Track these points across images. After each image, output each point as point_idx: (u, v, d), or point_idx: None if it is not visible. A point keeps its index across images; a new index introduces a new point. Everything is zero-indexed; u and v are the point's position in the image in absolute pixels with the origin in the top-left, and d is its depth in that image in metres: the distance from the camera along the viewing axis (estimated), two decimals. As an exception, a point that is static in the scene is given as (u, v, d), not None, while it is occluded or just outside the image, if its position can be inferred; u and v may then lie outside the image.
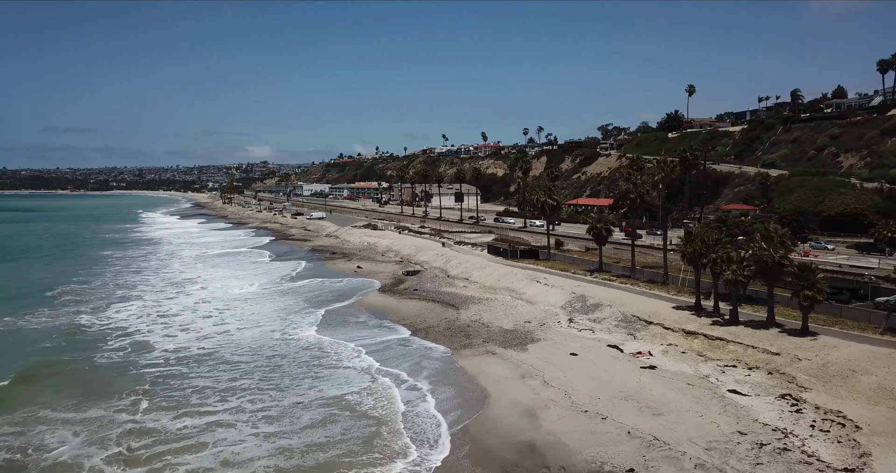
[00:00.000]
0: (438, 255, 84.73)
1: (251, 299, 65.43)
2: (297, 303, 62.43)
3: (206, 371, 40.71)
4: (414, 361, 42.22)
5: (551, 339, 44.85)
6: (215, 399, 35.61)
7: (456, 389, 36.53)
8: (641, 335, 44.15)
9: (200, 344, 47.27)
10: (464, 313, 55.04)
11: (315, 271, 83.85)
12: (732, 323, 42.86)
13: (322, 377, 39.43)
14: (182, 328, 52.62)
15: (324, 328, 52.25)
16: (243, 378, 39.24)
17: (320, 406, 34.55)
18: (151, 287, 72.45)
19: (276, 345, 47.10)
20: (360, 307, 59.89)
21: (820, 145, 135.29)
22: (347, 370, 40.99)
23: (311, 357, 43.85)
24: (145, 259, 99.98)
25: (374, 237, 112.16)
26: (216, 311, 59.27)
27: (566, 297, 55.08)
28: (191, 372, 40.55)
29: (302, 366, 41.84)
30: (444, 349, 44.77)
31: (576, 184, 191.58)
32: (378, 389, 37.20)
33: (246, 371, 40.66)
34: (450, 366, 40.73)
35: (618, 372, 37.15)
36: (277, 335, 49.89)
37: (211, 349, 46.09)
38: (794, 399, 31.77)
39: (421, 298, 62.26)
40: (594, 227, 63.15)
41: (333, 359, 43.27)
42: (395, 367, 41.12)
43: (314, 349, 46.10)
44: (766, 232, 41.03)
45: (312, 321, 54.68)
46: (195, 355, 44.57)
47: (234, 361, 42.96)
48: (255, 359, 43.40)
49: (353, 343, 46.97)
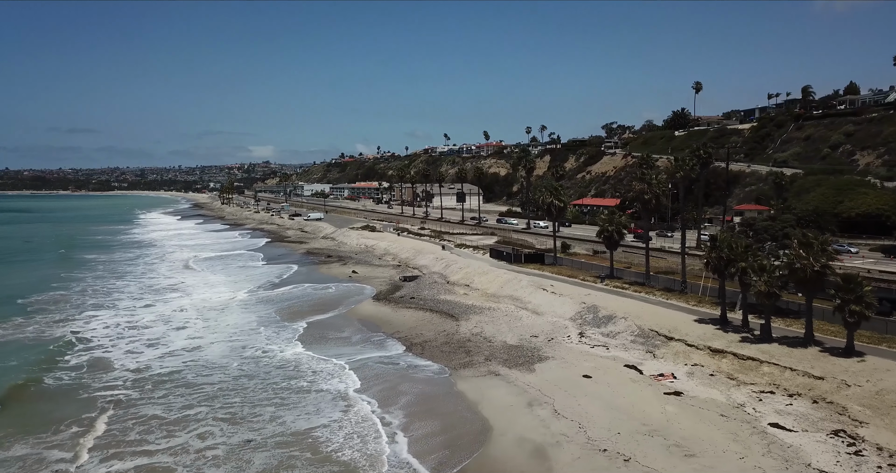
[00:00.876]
0: (438, 259, 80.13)
1: (233, 307, 60.87)
2: (281, 313, 57.78)
3: (161, 397, 36.00)
4: (404, 383, 37.41)
5: (561, 357, 40.17)
6: (160, 434, 30.75)
7: (453, 420, 31.66)
8: (662, 354, 39.46)
9: (164, 363, 42.60)
10: (464, 324, 50.43)
11: (307, 276, 79.29)
12: (764, 340, 38.16)
13: (288, 405, 34.49)
14: (150, 342, 48.07)
15: (306, 342, 47.48)
16: (200, 406, 34.49)
17: (277, 446, 29.29)
18: (129, 295, 67.89)
19: (247, 363, 42.38)
20: (351, 318, 55.25)
21: (834, 143, 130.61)
22: (321, 394, 36.10)
23: (282, 378, 39.10)
24: (132, 263, 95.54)
25: (372, 240, 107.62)
26: (192, 322, 54.74)
27: (576, 307, 50.42)
28: (143, 398, 35.81)
29: (269, 389, 37.03)
30: (441, 368, 40.10)
31: (580, 183, 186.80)
32: (352, 421, 32.07)
33: (205, 397, 35.93)
34: (447, 390, 36.02)
35: (639, 400, 32.48)
36: (251, 352, 45.16)
37: (174, 368, 41.41)
38: (849, 437, 27.08)
39: (418, 307, 57.64)
40: (605, 230, 58.44)
41: (307, 381, 38.42)
42: (378, 392, 36.04)
43: (289, 367, 41.31)
44: (804, 238, 36.31)
45: (294, 334, 49.93)
46: (155, 375, 39.90)
47: (196, 383, 38.25)
48: (220, 381, 38.66)
49: (337, 360, 42.22)
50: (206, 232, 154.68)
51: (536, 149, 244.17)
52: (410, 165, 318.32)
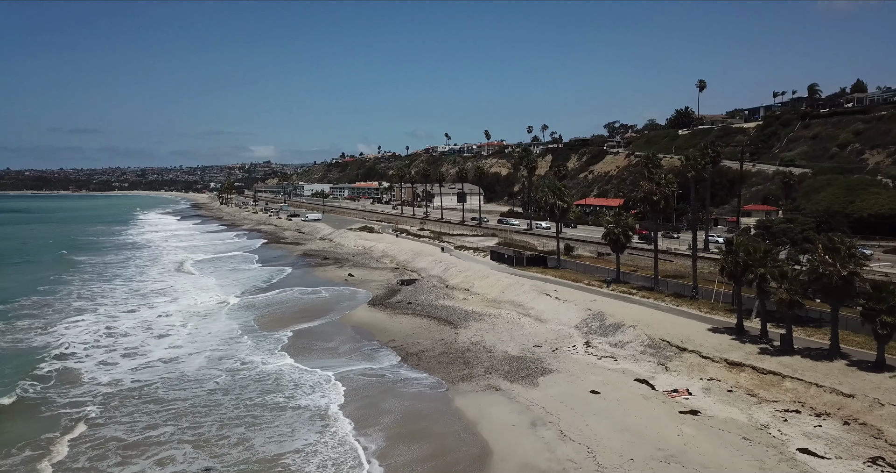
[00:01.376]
0: (437, 261, 77.44)
1: (219, 314, 58.15)
2: (269, 320, 54.97)
3: (126, 415, 33.22)
4: (395, 399, 34.65)
5: (566, 370, 37.45)
6: (112, 461, 27.91)
7: (448, 443, 28.82)
8: (675, 366, 36.74)
9: (137, 375, 39.82)
10: (463, 332, 47.74)
11: (301, 279, 76.60)
12: (785, 352, 35.44)
13: (260, 425, 31.59)
14: (127, 352, 45.39)
15: (293, 352, 44.70)
16: (166, 425, 31.71)
17: (238, 477, 26.33)
18: (115, 300, 65.21)
19: (224, 376, 39.59)
20: (344, 325, 52.54)
21: (843, 142, 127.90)
22: (298, 412, 33.24)
23: (259, 392, 36.30)
24: (123, 266, 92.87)
25: (370, 241, 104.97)
26: (174, 330, 52.06)
27: (581, 314, 47.71)
28: (107, 417, 33.00)
29: (242, 406, 34.18)
30: (437, 381, 37.41)
31: (582, 183, 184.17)
32: (329, 445, 29.01)
33: (174, 415, 33.13)
34: (444, 407, 33.31)
35: (652, 419, 29.78)
36: (230, 363, 42.26)
37: (146, 381, 38.66)
38: (889, 466, 24.38)
39: (415, 313, 54.96)
40: (611, 232, 55.67)
41: (285, 396, 35.60)
42: (365, 409, 33.14)
43: (268, 380, 38.46)
44: (830, 243, 33.57)
45: (280, 343, 47.08)
46: (125, 390, 37.15)
47: (166, 399, 35.48)
48: (193, 396, 35.87)
49: (323, 372, 39.51)
50: (202, 233, 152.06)
51: (538, 148, 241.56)
52: (411, 164, 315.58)
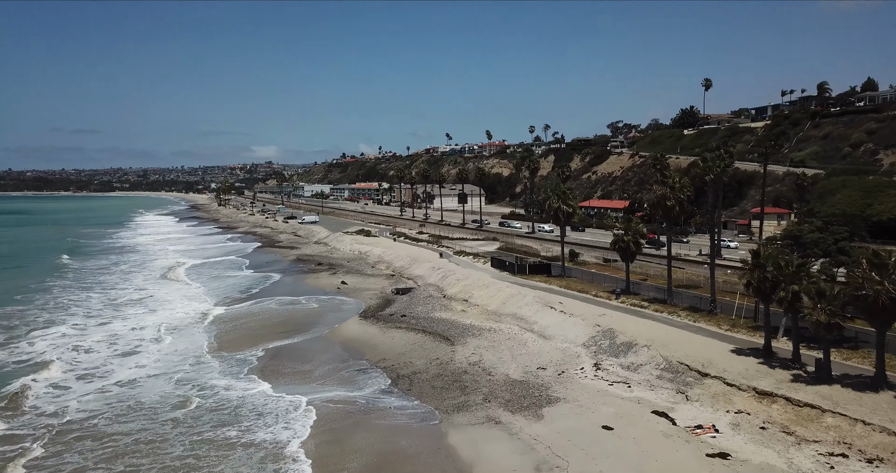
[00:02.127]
0: (435, 268, 73.41)
1: (196, 327, 54.23)
2: (247, 334, 50.95)
3: (54, 455, 29.22)
4: (376, 433, 30.54)
5: (574, 399, 33.40)
6: None
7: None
8: (696, 395, 32.69)
9: (86, 403, 35.78)
10: (460, 351, 43.72)
11: (292, 287, 72.65)
12: (822, 380, 31.38)
13: (202, 468, 27.61)
14: (85, 372, 41.53)
15: (267, 373, 40.63)
16: (96, 468, 27.77)
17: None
18: (90, 310, 61.42)
19: (182, 403, 35.64)
20: (332, 341, 48.53)
21: (855, 142, 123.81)
22: (249, 451, 29.14)
23: (213, 425, 32.27)
24: (108, 272, 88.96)
25: (367, 245, 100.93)
26: (142, 346, 48.25)
27: (589, 331, 43.65)
28: (29, 459, 29.04)
29: (189, 442, 30.16)
30: (429, 411, 33.42)
31: (586, 184, 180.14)
32: None
33: (109, 455, 29.12)
34: (435, 445, 29.24)
35: (675, 463, 25.72)
36: (190, 389, 38.09)
37: (94, 411, 34.63)
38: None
39: (409, 327, 50.94)
40: (620, 240, 51.61)
41: (241, 429, 31.55)
42: (335, 447, 29.09)
43: (226, 409, 34.26)
44: (876, 257, 29.52)
45: (254, 363, 42.87)
46: (66, 423, 33.16)
47: (108, 433, 31.50)
48: (139, 430, 31.88)
49: (295, 397, 35.59)
50: (195, 236, 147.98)
51: (540, 148, 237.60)
52: (412, 165, 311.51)
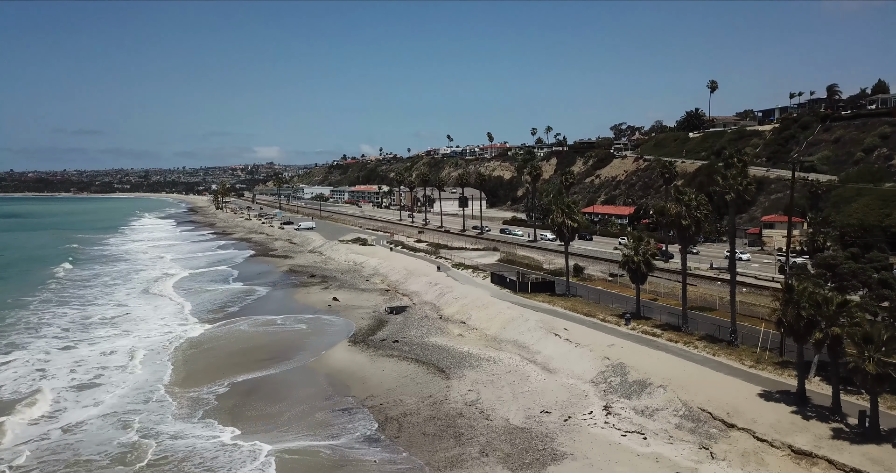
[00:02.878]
0: (432, 283, 69.43)
1: (163, 354, 49.95)
2: (216, 364, 46.74)
3: None
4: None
5: (583, 456, 29.28)
6: None
7: None
8: (722, 452, 28.58)
9: (15, 457, 31.27)
10: (456, 386, 39.65)
11: (280, 303, 68.68)
12: (869, 437, 27.29)
13: None
14: (34, 411, 37.36)
15: (232, 415, 36.43)
16: None
17: None
18: (59, 331, 57.64)
19: (121, 456, 31.27)
20: (316, 372, 44.43)
21: (868, 146, 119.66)
22: None
23: None
24: (90, 285, 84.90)
25: (362, 255, 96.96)
26: (103, 376, 44.29)
27: (597, 364, 39.62)
28: None
29: None
30: (419, 466, 29.35)
31: (589, 188, 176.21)
32: None
33: None
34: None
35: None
36: (135, 434, 33.75)
37: (21, 468, 30.28)
38: None
39: (402, 355, 46.86)
40: (630, 261, 47.52)
41: None
42: None
43: (167, 465, 30.06)
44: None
45: (207, 405, 38.34)
46: None
47: None
48: None
49: (256, 446, 31.51)
50: (188, 243, 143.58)
51: (542, 151, 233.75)
52: (412, 167, 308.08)
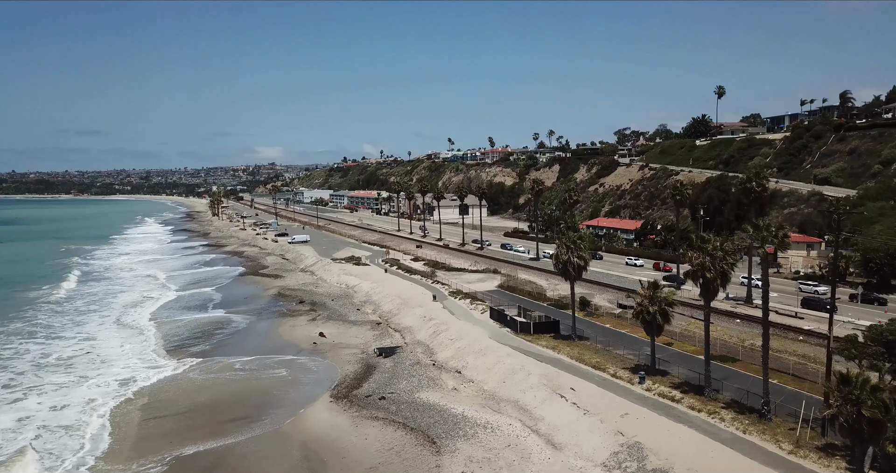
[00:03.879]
0: (426, 318, 64.08)
1: (105, 411, 44.45)
2: (173, 424, 41.77)
3: None
4: None
5: None
6: None
7: None
8: None
9: None
10: (447, 466, 34.30)
11: (262, 340, 63.32)
12: None
13: None
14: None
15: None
16: None
17: None
18: (10, 375, 52.66)
19: None
20: (290, 440, 38.87)
21: (886, 158, 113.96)
22: None
23: None
24: (61, 310, 79.45)
25: (355, 277, 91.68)
26: (41, 439, 39.27)
27: (609, 441, 34.25)
28: None
29: None
30: None
31: (593, 197, 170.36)
32: None
33: None
34: None
35: None
36: None
37: None
38: None
39: (388, 417, 41.43)
40: (645, 311, 42.03)
41: None
42: None
43: None
44: None
45: None
46: None
47: None
48: None
49: None
50: (178, 258, 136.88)
51: (544, 156, 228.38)
52: (413, 171, 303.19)
